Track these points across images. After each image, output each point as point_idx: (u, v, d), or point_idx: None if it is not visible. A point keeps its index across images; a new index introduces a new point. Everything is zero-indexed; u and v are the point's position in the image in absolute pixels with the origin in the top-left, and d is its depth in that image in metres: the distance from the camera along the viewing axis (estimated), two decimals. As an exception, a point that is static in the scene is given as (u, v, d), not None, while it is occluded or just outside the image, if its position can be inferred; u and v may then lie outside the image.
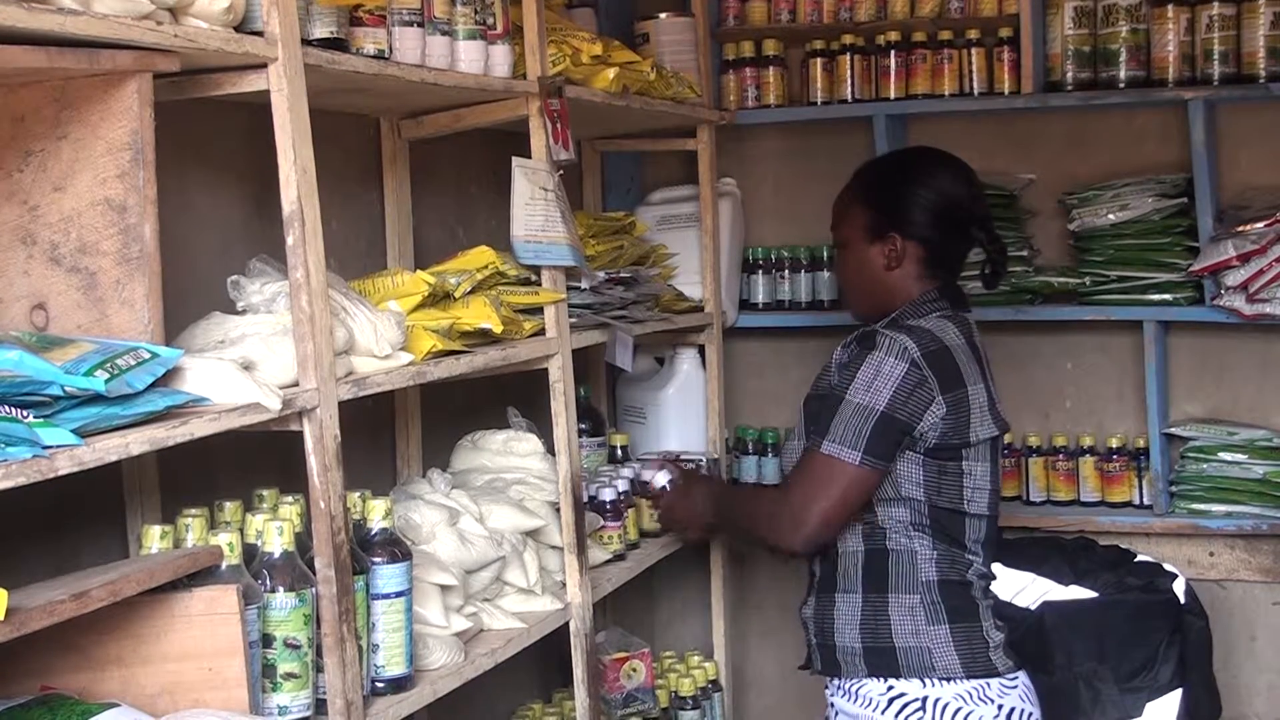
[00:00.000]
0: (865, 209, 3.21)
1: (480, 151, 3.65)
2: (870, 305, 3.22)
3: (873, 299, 3.21)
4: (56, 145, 2.19)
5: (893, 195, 3.19)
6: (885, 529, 3.08)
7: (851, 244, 3.23)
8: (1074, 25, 4.23)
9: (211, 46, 2.21)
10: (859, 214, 3.21)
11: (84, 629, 2.10)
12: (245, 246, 2.75)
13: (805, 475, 3.04)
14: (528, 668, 3.75)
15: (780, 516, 3.07)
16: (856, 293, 3.29)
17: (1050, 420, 4.51)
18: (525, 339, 3.08)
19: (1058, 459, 4.37)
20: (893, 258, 3.17)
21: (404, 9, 2.72)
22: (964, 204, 3.22)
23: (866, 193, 3.24)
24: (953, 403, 3.03)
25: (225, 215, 2.88)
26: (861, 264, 3.21)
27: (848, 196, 3.28)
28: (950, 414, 3.02)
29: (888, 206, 3.18)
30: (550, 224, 3.18)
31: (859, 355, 3.02)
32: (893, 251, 3.16)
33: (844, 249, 3.27)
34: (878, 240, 3.18)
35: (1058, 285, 4.35)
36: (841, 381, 3.03)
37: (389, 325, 2.56)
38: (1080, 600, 3.42)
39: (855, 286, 3.29)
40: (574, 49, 3.43)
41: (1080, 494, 4.35)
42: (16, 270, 2.23)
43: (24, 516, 2.28)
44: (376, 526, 2.55)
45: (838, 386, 3.04)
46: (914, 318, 3.11)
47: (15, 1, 1.85)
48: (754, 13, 4.64)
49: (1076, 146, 4.44)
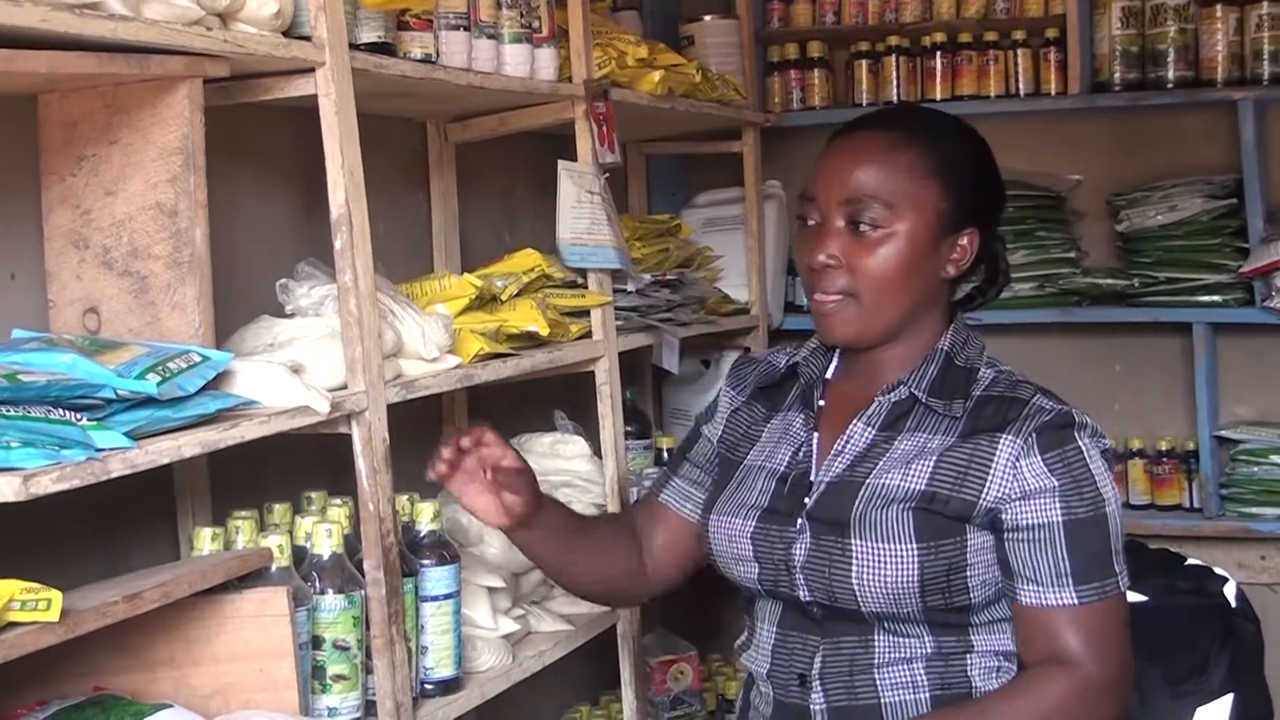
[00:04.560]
0: (943, 188, 2.21)
1: (526, 154, 3.65)
2: (892, 324, 2.23)
3: (904, 317, 2.23)
4: (108, 150, 2.21)
5: (980, 176, 2.30)
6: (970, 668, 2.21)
7: (912, 231, 2.20)
8: (1122, 25, 4.22)
9: (260, 51, 2.23)
10: (932, 192, 2.20)
11: (136, 630, 2.11)
12: (293, 250, 2.77)
13: (1104, 631, 2.19)
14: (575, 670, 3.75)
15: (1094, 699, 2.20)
16: (890, 303, 2.21)
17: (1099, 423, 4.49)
18: (572, 341, 3.09)
19: (1106, 462, 4.35)
20: (959, 262, 2.25)
21: (450, 13, 2.73)
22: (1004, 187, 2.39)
23: (946, 166, 2.23)
24: None
25: (273, 219, 2.89)
26: (920, 263, 2.21)
27: (907, 160, 2.22)
28: None
29: (975, 190, 2.27)
30: (596, 227, 3.19)
31: (1067, 455, 2.14)
32: (961, 254, 2.24)
33: (891, 235, 2.19)
34: (950, 234, 2.23)
35: (1105, 287, 4.34)
36: (1077, 499, 2.13)
37: (436, 328, 2.57)
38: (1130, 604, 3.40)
39: (894, 293, 2.21)
40: (619, 52, 3.44)
41: (1129, 497, 4.33)
42: (69, 274, 2.25)
43: (77, 518, 2.30)
44: (425, 529, 2.56)
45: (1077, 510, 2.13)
46: (979, 356, 2.29)
47: (67, 8, 1.86)
48: (799, 15, 4.65)
49: (1124, 147, 4.42)
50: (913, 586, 2.12)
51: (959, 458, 2.16)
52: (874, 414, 2.24)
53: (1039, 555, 2.14)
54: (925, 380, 2.22)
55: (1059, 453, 2.14)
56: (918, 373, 2.23)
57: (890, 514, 2.15)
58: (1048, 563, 2.13)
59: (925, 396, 2.21)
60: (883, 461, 2.19)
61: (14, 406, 1.77)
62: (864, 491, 2.17)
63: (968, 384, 2.22)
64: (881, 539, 2.14)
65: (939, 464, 2.16)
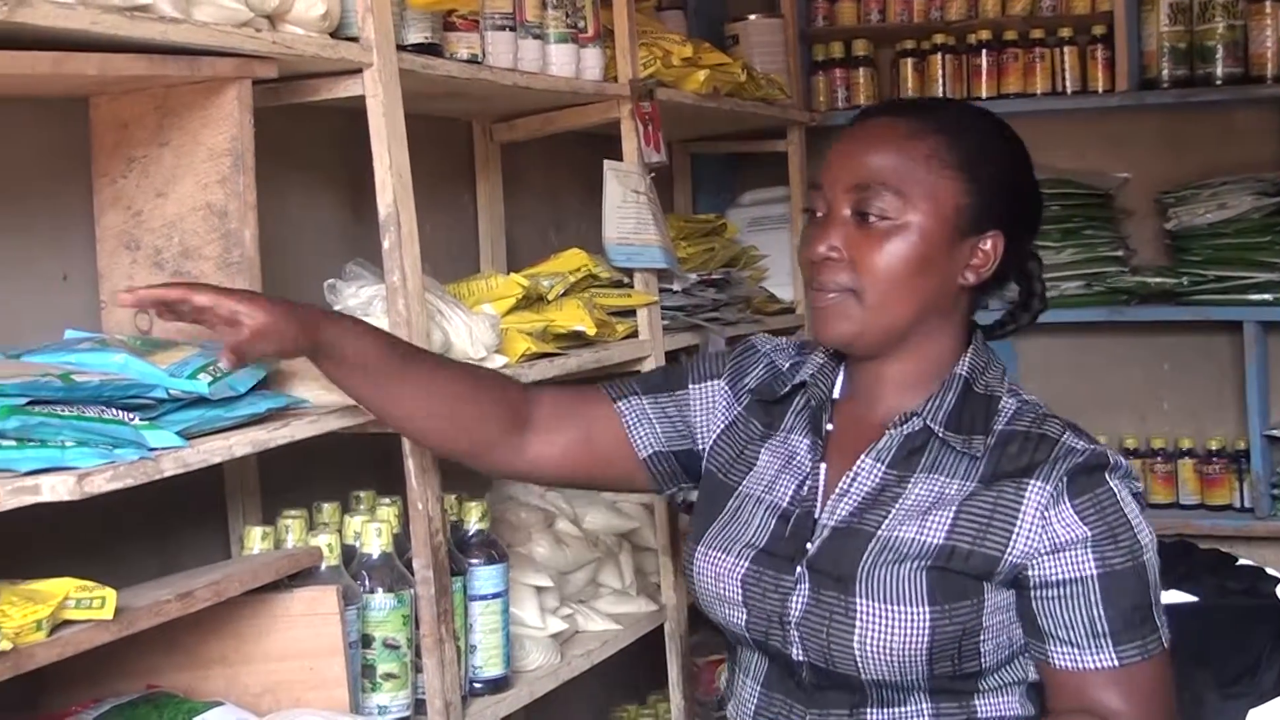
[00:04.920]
0: (965, 182, 1.97)
1: (571, 154, 3.66)
2: (897, 329, 1.99)
3: (912, 322, 1.99)
4: (159, 152, 2.23)
5: (1013, 177, 2.05)
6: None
7: (925, 226, 1.96)
8: (1169, 22, 4.21)
9: (308, 52, 2.24)
10: (952, 185, 1.97)
11: (188, 628, 2.12)
12: (341, 250, 2.77)
13: (1149, 692, 1.94)
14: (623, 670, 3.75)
15: None
16: (895, 303, 1.97)
17: (1147, 422, 4.49)
18: (618, 341, 3.09)
19: (1155, 461, 4.34)
20: (980, 268, 2.00)
21: (496, 13, 2.73)
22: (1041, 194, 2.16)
23: (972, 159, 1.99)
24: None
25: (321, 219, 2.91)
26: (932, 263, 1.97)
27: (927, 149, 1.98)
28: None
29: (1004, 190, 2.02)
30: (642, 226, 3.19)
31: (1101, 500, 1.91)
32: (983, 259, 2.00)
33: (900, 228, 1.96)
34: (971, 235, 1.98)
35: (1154, 286, 4.33)
36: (1113, 548, 1.90)
37: (484, 328, 2.57)
38: (1180, 604, 3.38)
39: (901, 292, 1.97)
40: (665, 51, 3.44)
41: (1179, 497, 4.32)
42: (121, 275, 2.27)
43: (130, 518, 2.31)
44: (473, 528, 2.57)
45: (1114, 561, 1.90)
46: (1000, 382, 2.05)
47: (118, 10, 1.87)
48: (843, 13, 4.66)
49: (1172, 145, 4.41)
50: (921, 653, 1.90)
51: (982, 507, 1.93)
52: (884, 448, 2.00)
53: (1073, 613, 1.91)
54: (942, 410, 1.99)
55: (1091, 497, 1.91)
56: (933, 401, 1.99)
57: (902, 572, 1.91)
58: (1083, 621, 1.91)
59: (942, 430, 1.98)
60: (895, 509, 1.96)
61: (68, 406, 1.79)
62: (874, 544, 1.94)
63: (988, 415, 1.99)
64: (891, 600, 1.90)
65: (959, 514, 1.93)
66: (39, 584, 1.78)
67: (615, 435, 2.19)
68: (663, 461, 2.19)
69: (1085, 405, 4.50)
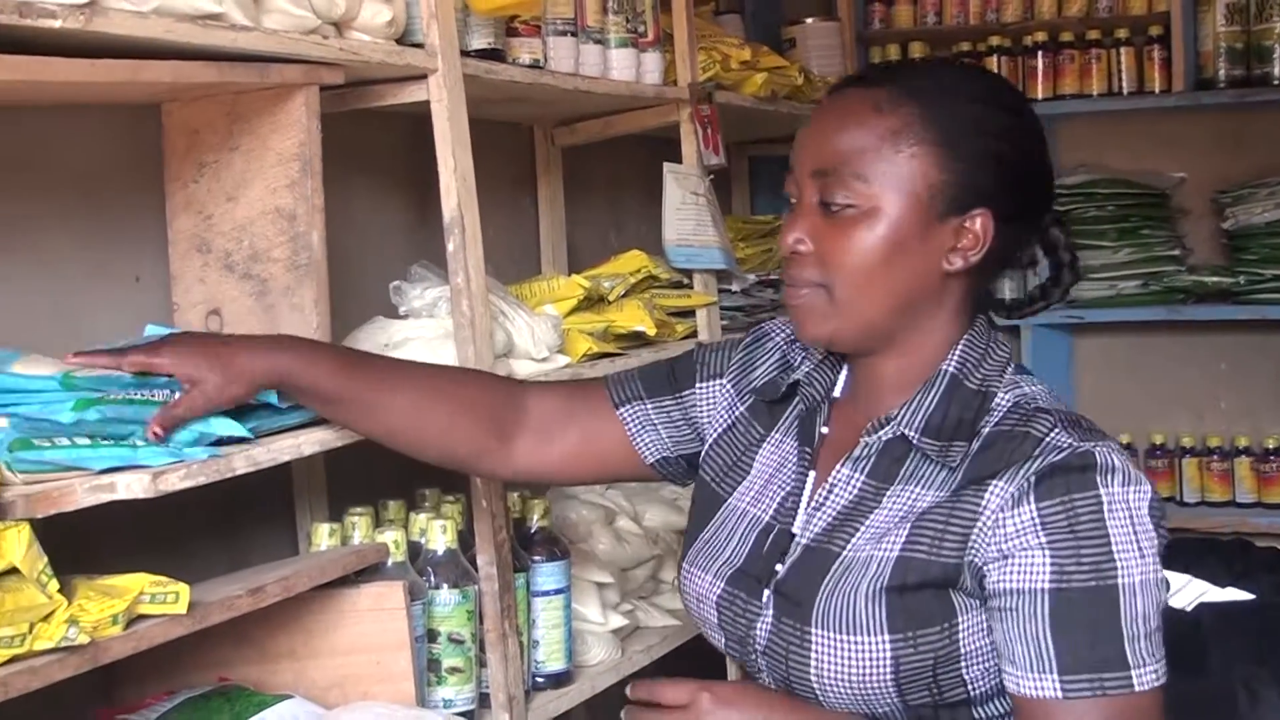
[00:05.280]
0: (940, 158, 1.75)
1: (631, 157, 3.69)
2: (875, 325, 1.79)
3: (892, 316, 1.79)
4: (229, 157, 2.26)
5: (1002, 146, 1.78)
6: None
7: (893, 210, 1.75)
8: (1226, 22, 4.21)
9: (375, 59, 2.27)
10: (922, 163, 1.74)
11: (258, 623, 2.14)
12: (405, 252, 2.81)
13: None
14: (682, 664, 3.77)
15: None
16: (868, 297, 1.77)
17: (1204, 421, 4.48)
18: (677, 341, 3.10)
19: (1212, 460, 4.34)
20: (968, 251, 1.77)
21: (558, 19, 2.76)
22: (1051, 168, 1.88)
23: (949, 131, 1.75)
24: None
25: (386, 222, 2.94)
26: (906, 250, 1.75)
27: (894, 123, 1.75)
28: None
29: (992, 162, 1.77)
30: (701, 228, 3.22)
31: (1074, 507, 1.66)
32: (972, 241, 1.76)
33: (866, 214, 1.75)
34: (952, 216, 1.75)
35: (1211, 285, 4.32)
36: (1075, 564, 1.65)
37: (546, 328, 2.60)
38: (1238, 602, 3.38)
39: (874, 285, 1.76)
40: (723, 55, 3.46)
41: (1235, 495, 4.31)
42: (193, 277, 2.30)
43: (200, 515, 2.36)
44: (536, 525, 2.59)
45: (1073, 579, 1.65)
46: (1000, 373, 1.83)
47: (190, 19, 1.91)
48: (900, 16, 4.66)
49: (1229, 144, 4.40)
50: (885, 685, 1.71)
51: (940, 515, 1.73)
52: (862, 456, 1.81)
53: (1020, 629, 1.67)
54: (921, 413, 1.78)
55: (1063, 501, 1.66)
56: (912, 403, 1.79)
57: (858, 598, 1.73)
58: (1029, 640, 1.66)
59: (918, 437, 1.77)
60: (865, 525, 1.77)
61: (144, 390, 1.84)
62: (837, 567, 1.76)
63: (977, 416, 1.77)
64: (845, 629, 1.72)
65: (917, 526, 1.73)
66: (115, 579, 1.81)
67: (618, 440, 2.07)
68: (671, 465, 2.08)
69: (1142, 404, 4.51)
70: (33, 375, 1.80)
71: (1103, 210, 4.40)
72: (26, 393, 1.78)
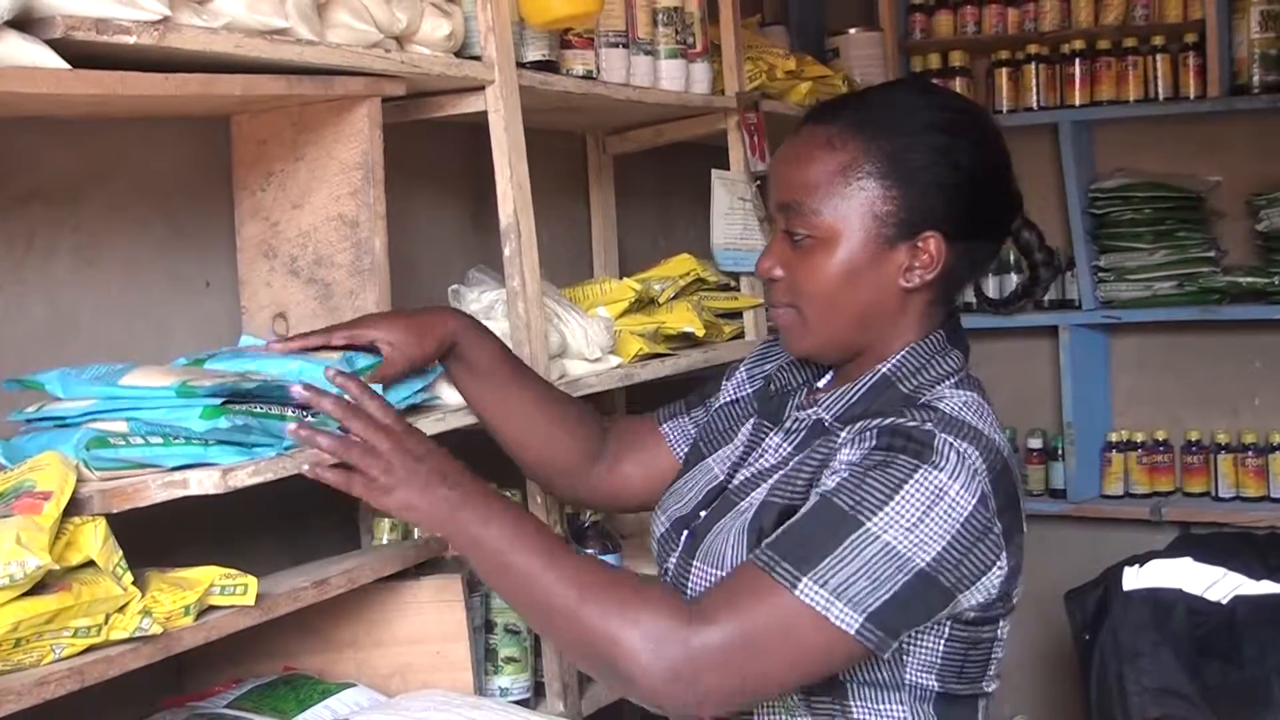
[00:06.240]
0: (884, 189, 1.88)
1: (680, 164, 3.72)
2: (845, 340, 1.94)
3: (858, 331, 1.93)
4: (294, 166, 2.32)
5: (936, 168, 1.88)
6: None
7: (848, 238, 1.88)
8: (1260, 29, 4.23)
9: (434, 71, 2.33)
10: (869, 195, 1.88)
11: (323, 614, 2.20)
12: (463, 257, 2.87)
13: (747, 608, 1.71)
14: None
15: (649, 623, 1.72)
16: (833, 318, 1.92)
17: (1239, 417, 4.51)
18: (726, 341, 3.14)
19: (1247, 456, 4.37)
20: (924, 270, 1.90)
21: (610, 31, 2.82)
22: (1012, 179, 2.00)
23: (892, 163, 1.88)
24: (1015, 556, 1.82)
25: (444, 228, 3.00)
26: (862, 274, 1.89)
27: (843, 159, 1.89)
28: (1010, 575, 1.82)
29: (926, 186, 1.88)
30: (748, 232, 3.26)
31: (891, 461, 1.75)
32: (927, 260, 1.89)
33: (823, 243, 1.89)
34: (903, 239, 1.89)
35: (1245, 285, 4.36)
36: (851, 490, 1.74)
37: (599, 330, 2.64)
38: (1273, 595, 3.41)
39: (837, 307, 1.91)
40: (769, 65, 3.53)
41: (1270, 490, 4.34)
42: (260, 282, 2.37)
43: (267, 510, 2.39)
44: (589, 519, 2.64)
45: (841, 496, 1.74)
46: (937, 384, 1.91)
47: (259, 34, 1.97)
48: (940, 25, 4.71)
49: (1263, 149, 4.43)
50: None
51: (801, 464, 1.88)
52: (792, 430, 1.97)
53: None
54: (843, 403, 1.92)
55: (886, 453, 1.75)
56: (839, 392, 1.94)
57: (730, 535, 1.86)
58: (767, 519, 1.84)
59: (830, 420, 1.91)
60: (770, 482, 1.91)
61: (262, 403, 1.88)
62: (731, 512, 1.91)
63: (898, 415, 1.82)
64: (714, 563, 1.86)
65: (784, 475, 1.89)
66: (186, 572, 1.86)
67: (665, 454, 2.24)
68: None
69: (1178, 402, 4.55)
70: (150, 386, 1.84)
71: (1139, 213, 4.44)
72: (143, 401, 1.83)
